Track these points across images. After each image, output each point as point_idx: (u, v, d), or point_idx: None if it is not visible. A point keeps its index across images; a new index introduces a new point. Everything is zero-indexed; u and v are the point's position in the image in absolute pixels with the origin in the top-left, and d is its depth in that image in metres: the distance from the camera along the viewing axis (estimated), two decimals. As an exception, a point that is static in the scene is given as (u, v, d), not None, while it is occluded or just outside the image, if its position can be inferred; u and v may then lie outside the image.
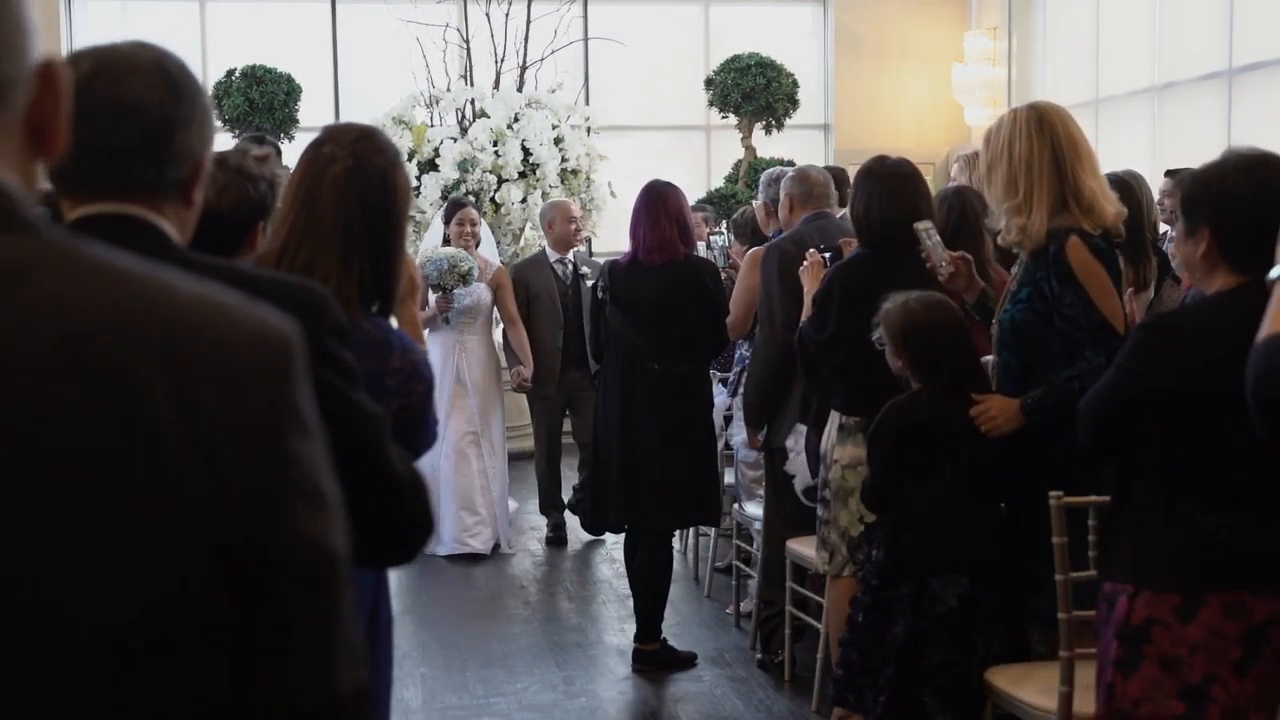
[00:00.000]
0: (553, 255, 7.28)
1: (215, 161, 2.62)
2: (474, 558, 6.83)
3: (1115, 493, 2.77)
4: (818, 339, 4.27)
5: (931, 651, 3.50)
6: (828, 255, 4.53)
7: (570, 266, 7.25)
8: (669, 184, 5.18)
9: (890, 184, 4.17)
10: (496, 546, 7.02)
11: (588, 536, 7.05)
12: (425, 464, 6.77)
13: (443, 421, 6.21)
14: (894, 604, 3.57)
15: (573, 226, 7.27)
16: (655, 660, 5.17)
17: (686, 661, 5.20)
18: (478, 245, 7.18)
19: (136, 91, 1.62)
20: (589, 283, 6.68)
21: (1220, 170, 2.61)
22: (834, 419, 4.31)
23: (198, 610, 0.93)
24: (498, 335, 7.38)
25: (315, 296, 1.82)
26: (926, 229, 3.89)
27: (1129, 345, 2.71)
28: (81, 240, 0.97)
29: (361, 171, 2.29)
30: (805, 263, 4.54)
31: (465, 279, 6.80)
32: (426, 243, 7.71)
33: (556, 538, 7.23)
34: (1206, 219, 2.59)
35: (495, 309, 7.17)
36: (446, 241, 7.09)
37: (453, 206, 7.32)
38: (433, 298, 6.87)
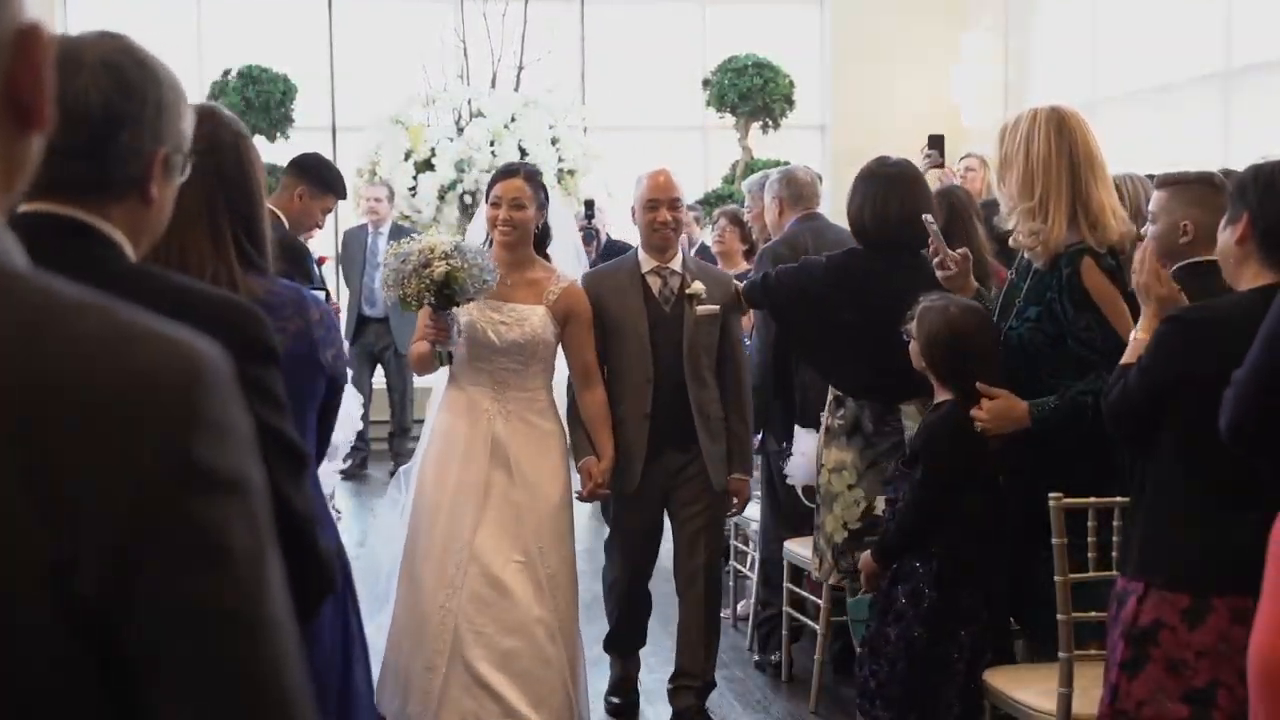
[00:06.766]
0: (646, 263, 4.46)
1: None
2: None
3: (1135, 488, 2.76)
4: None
5: (958, 660, 3.45)
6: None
7: (674, 280, 4.42)
8: None
9: (888, 185, 4.16)
10: None
11: None
12: (427, 606, 4.11)
13: (465, 537, 4.03)
14: (951, 615, 3.45)
15: (651, 217, 4.43)
16: None
17: None
18: (533, 242, 4.24)
19: (80, 90, 1.56)
20: (704, 308, 4.36)
21: (1274, 165, 2.60)
22: (822, 422, 4.33)
23: (52, 693, 0.83)
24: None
25: (241, 316, 1.73)
26: (930, 221, 3.85)
27: (1152, 342, 2.69)
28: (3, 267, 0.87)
29: (217, 151, 2.23)
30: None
31: (446, 291, 3.82)
32: (471, 235, 4.60)
33: (625, 704, 4.75)
34: (1248, 204, 2.58)
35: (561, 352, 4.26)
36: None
37: (495, 177, 4.30)
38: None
